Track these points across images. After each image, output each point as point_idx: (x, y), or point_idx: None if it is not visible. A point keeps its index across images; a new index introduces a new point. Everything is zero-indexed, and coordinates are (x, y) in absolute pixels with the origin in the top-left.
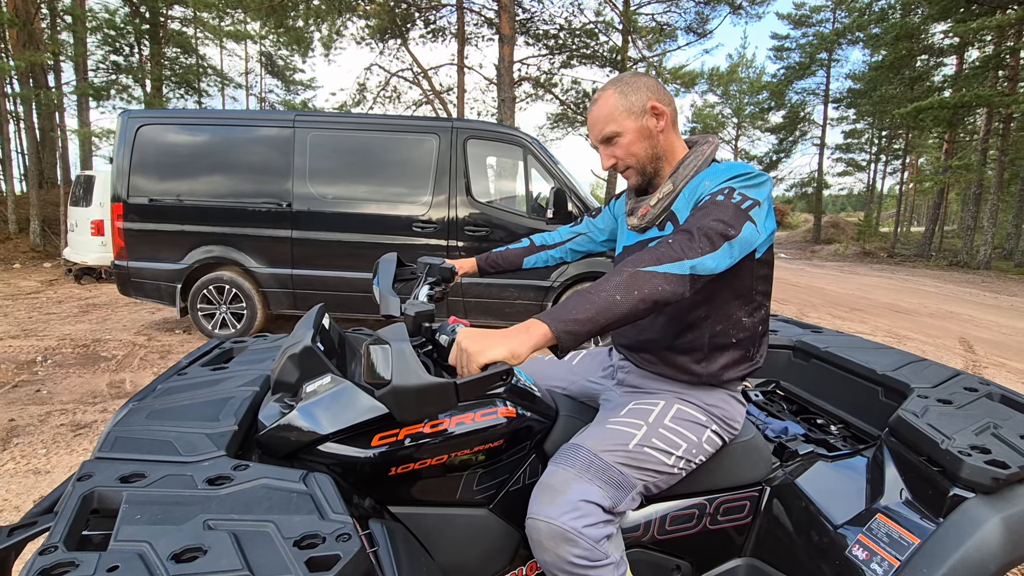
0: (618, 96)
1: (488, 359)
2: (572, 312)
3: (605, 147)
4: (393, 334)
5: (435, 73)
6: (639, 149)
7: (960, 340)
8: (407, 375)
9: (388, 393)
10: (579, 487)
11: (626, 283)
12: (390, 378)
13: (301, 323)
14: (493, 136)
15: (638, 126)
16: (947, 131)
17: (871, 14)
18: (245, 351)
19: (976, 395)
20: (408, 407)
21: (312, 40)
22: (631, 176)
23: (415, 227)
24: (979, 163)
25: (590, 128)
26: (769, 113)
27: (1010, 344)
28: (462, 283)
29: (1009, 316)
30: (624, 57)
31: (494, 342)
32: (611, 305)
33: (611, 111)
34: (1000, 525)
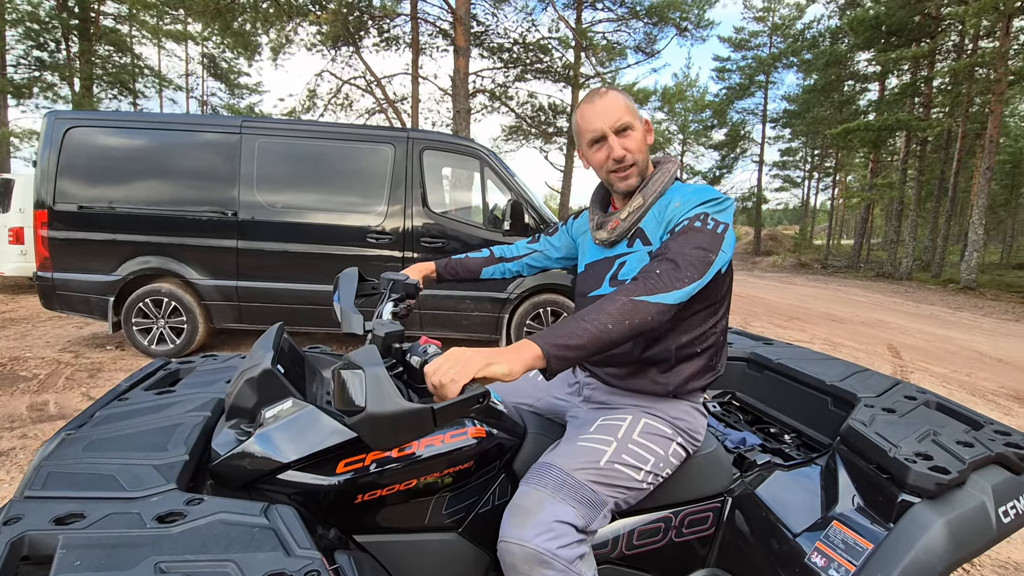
0: (624, 98)
1: (489, 373)
2: (565, 337)
3: (618, 137)
4: (366, 358)
5: (389, 82)
6: (643, 149)
7: (889, 347)
8: (382, 401)
9: (362, 420)
10: (552, 507)
11: (620, 312)
12: (364, 405)
13: (259, 344)
14: (450, 147)
15: (642, 128)
16: (872, 151)
17: (804, 41)
18: (193, 373)
19: (915, 403)
20: (383, 434)
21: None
22: (631, 176)
23: (369, 238)
24: (900, 182)
25: (600, 116)
26: (712, 131)
27: (932, 350)
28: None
29: (930, 324)
30: (577, 73)
31: (492, 358)
32: (603, 333)
33: (626, 105)
34: (944, 528)
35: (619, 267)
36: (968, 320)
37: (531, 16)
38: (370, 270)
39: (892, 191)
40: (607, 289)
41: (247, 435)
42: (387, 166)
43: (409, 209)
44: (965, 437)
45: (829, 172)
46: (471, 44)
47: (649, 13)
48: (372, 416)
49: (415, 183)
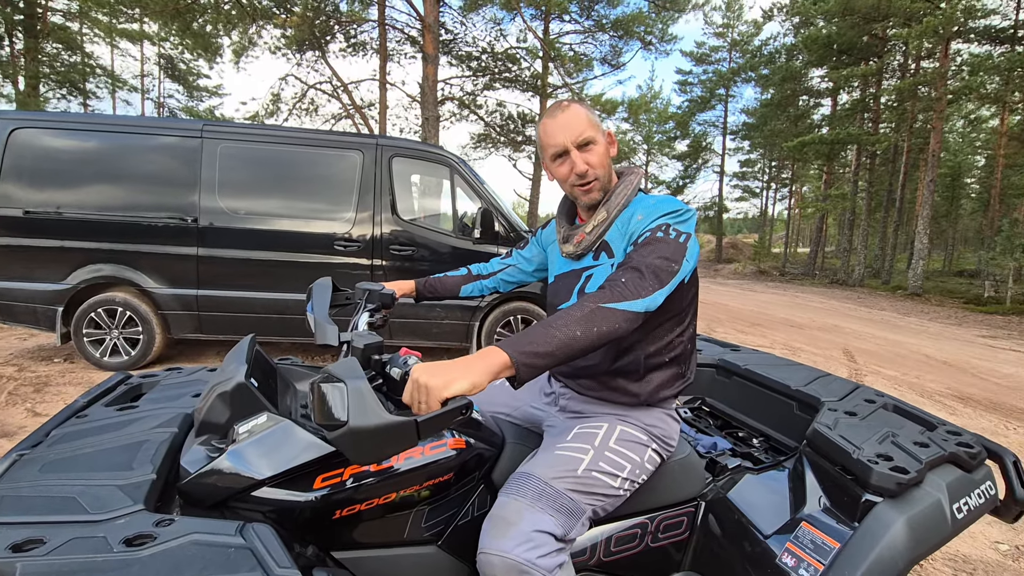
0: (587, 111)
1: (450, 393)
2: (534, 344)
3: (580, 152)
4: (346, 370)
5: (356, 87)
6: (607, 163)
7: (844, 351)
8: (365, 415)
9: (344, 435)
10: (531, 517)
11: (587, 319)
12: (346, 419)
13: (231, 356)
14: (419, 155)
15: (605, 142)
16: (826, 164)
17: (761, 57)
18: (157, 387)
19: (875, 407)
20: (366, 449)
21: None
22: (594, 190)
23: (337, 245)
24: (852, 193)
25: (563, 130)
26: (675, 142)
27: (883, 354)
28: None
29: (881, 328)
30: (545, 83)
31: (453, 375)
32: (571, 340)
33: (588, 119)
34: (905, 525)
35: (586, 280)
36: (916, 325)
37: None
38: (338, 278)
39: (844, 202)
40: (574, 301)
41: (219, 451)
42: (355, 173)
43: (378, 216)
44: (921, 438)
45: (786, 183)
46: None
47: (615, 26)
48: (355, 430)
49: (384, 190)
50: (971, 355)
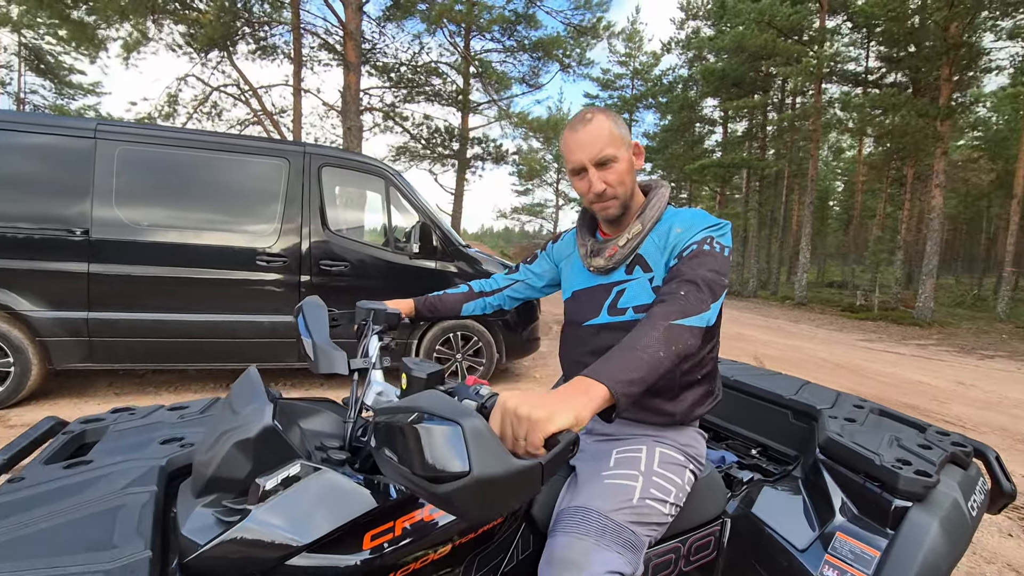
0: (612, 123)
1: (556, 427)
2: (627, 371)
3: (598, 170)
4: (452, 407)
5: (267, 92)
6: (628, 179)
7: (754, 357)
8: (490, 461)
9: (466, 487)
10: (600, 556)
11: (665, 338)
12: (468, 468)
13: (242, 393)
14: (352, 165)
15: (628, 157)
16: (720, 185)
17: (661, 86)
18: (108, 435)
19: (864, 412)
20: (490, 502)
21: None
22: (612, 207)
23: (259, 261)
24: (744, 212)
25: (582, 147)
26: None
27: (787, 358)
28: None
29: (779, 335)
30: (467, 98)
31: (555, 407)
32: (658, 362)
33: (610, 135)
34: (940, 529)
35: (618, 295)
36: (807, 331)
37: (420, 39)
38: (259, 296)
39: (737, 220)
40: (606, 318)
41: (237, 514)
42: (280, 182)
43: (306, 229)
44: (920, 440)
45: (683, 203)
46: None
47: (535, 47)
48: (480, 481)
49: (313, 201)
50: (856, 357)
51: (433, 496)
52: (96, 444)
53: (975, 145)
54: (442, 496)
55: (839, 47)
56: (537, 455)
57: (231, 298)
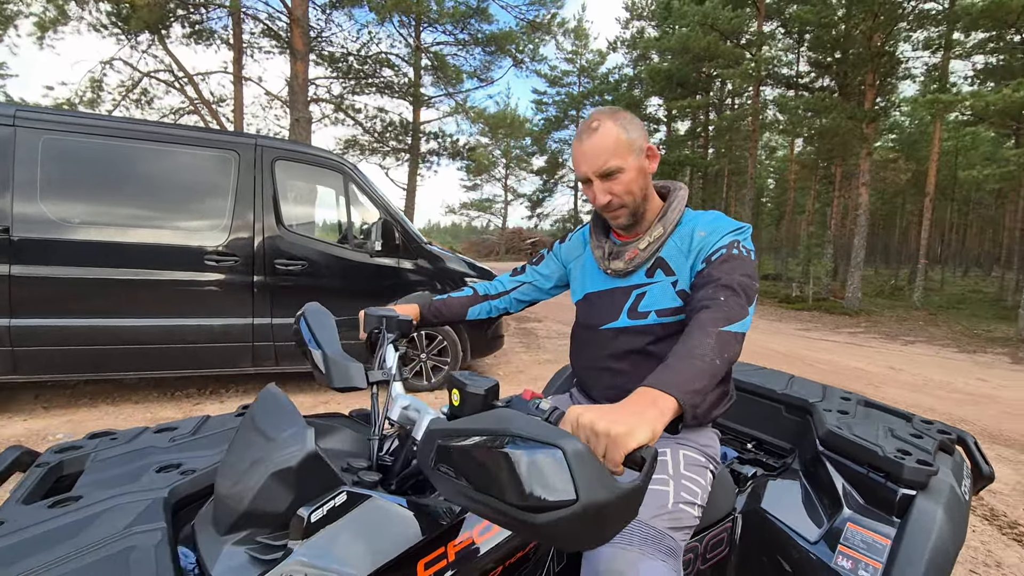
0: (620, 130)
1: (636, 443)
2: (691, 382)
3: (602, 182)
4: (546, 430)
5: (204, 80)
6: (636, 188)
7: None
8: (595, 486)
9: (573, 515)
10: (647, 566)
11: (719, 346)
12: (575, 496)
13: (269, 414)
14: (308, 159)
15: (638, 164)
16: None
17: (608, 84)
18: (92, 465)
19: (852, 403)
20: (597, 529)
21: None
22: (622, 216)
23: (208, 260)
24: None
25: (586, 159)
26: (532, 157)
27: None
28: (274, 324)
29: None
30: (418, 92)
31: (631, 421)
32: (716, 371)
33: (616, 144)
34: (944, 515)
35: (638, 299)
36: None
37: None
38: (208, 298)
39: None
40: (626, 321)
41: (277, 551)
42: (230, 176)
43: (259, 227)
44: (910, 429)
45: None
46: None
47: (488, 42)
48: (588, 507)
49: (266, 197)
50: (799, 346)
51: (530, 527)
52: (79, 477)
53: (890, 147)
54: (543, 526)
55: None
56: (617, 473)
57: (177, 300)
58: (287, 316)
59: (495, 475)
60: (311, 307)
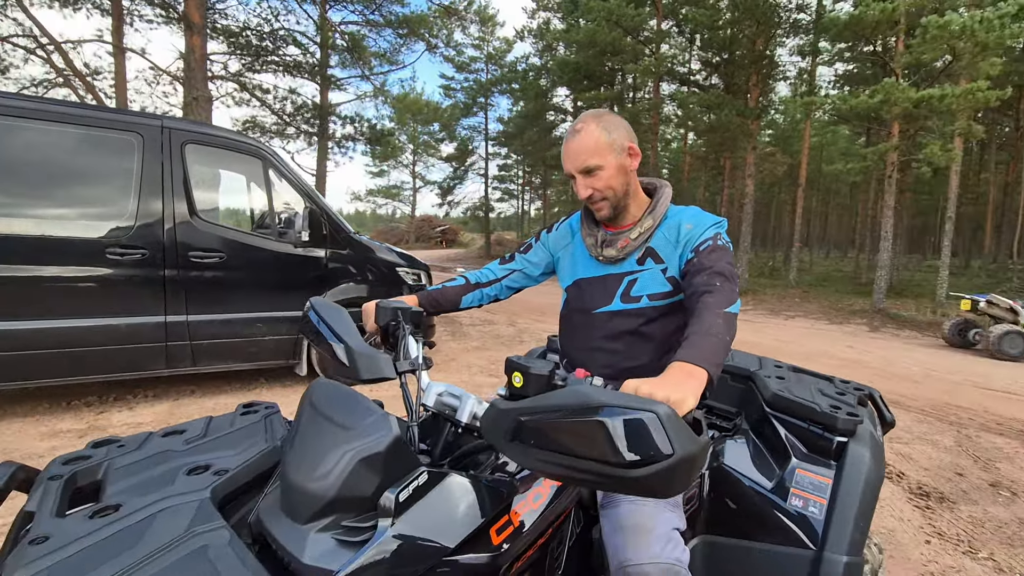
0: (602, 131)
1: (688, 409)
2: (714, 356)
3: (584, 177)
4: (634, 399)
5: (76, 49)
6: (616, 184)
7: None
8: (688, 441)
9: (669, 467)
10: (663, 518)
11: (726, 325)
12: (672, 451)
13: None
14: (223, 143)
15: (618, 162)
16: None
17: (515, 72)
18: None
19: (784, 370)
20: (685, 478)
21: None
22: (603, 208)
23: (110, 254)
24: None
25: (570, 157)
26: (441, 144)
27: None
28: (190, 321)
29: None
30: (325, 73)
31: (680, 392)
32: (727, 346)
33: (596, 144)
34: (870, 455)
35: (629, 284)
36: None
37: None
38: (113, 295)
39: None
40: (619, 305)
41: (365, 532)
42: (133, 161)
43: (170, 217)
44: (834, 389)
45: (538, 187)
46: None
47: (401, 24)
48: (683, 460)
49: (176, 184)
50: None
51: (629, 481)
52: (99, 485)
53: (767, 142)
54: (642, 479)
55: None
56: None
57: (74, 299)
58: (205, 312)
59: (590, 441)
60: (319, 303)
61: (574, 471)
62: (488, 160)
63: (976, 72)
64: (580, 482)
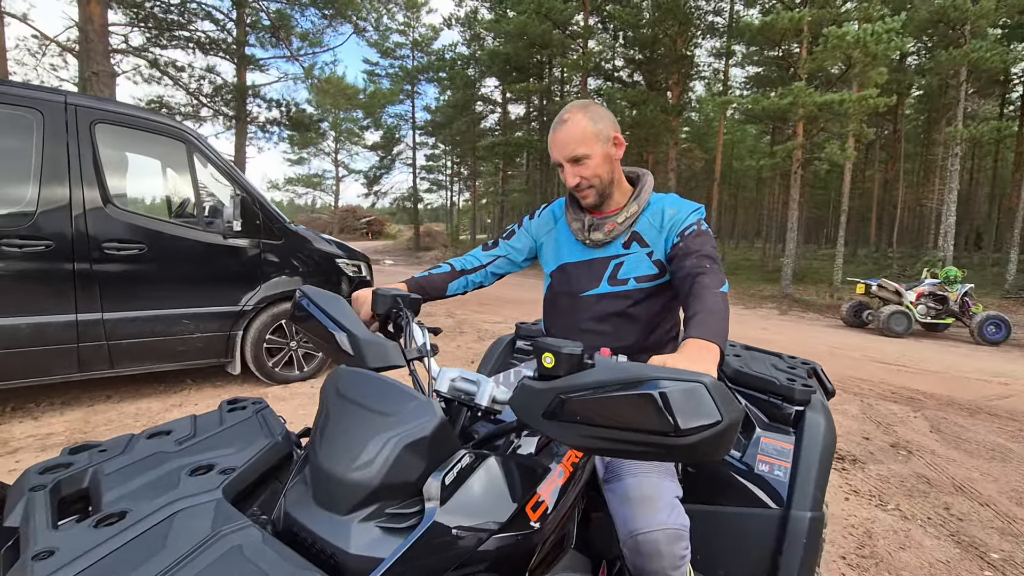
0: (588, 121)
1: None
2: (722, 333)
3: (572, 166)
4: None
5: None
6: (603, 172)
7: None
8: (731, 409)
9: (719, 432)
10: (665, 486)
11: (724, 304)
12: (720, 417)
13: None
14: (139, 124)
15: (603, 152)
16: (505, 163)
17: (443, 60)
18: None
19: (738, 348)
20: (730, 441)
21: None
22: (590, 195)
23: (7, 246)
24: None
25: (558, 146)
26: (366, 132)
27: None
28: (105, 320)
29: None
30: (244, 52)
31: (706, 365)
32: (728, 323)
33: (583, 134)
34: (825, 421)
35: (616, 267)
36: None
37: None
38: (12, 293)
39: (523, 196)
40: (607, 288)
41: (411, 518)
42: (32, 141)
43: (78, 204)
44: (786, 364)
45: (466, 178)
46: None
47: (325, 3)
48: (731, 425)
49: (86, 169)
50: None
51: (680, 448)
52: (94, 494)
53: (685, 138)
54: (693, 445)
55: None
56: None
57: None
58: (124, 310)
59: (641, 413)
60: (311, 289)
61: (621, 443)
62: (416, 150)
63: (867, 80)
64: (625, 453)
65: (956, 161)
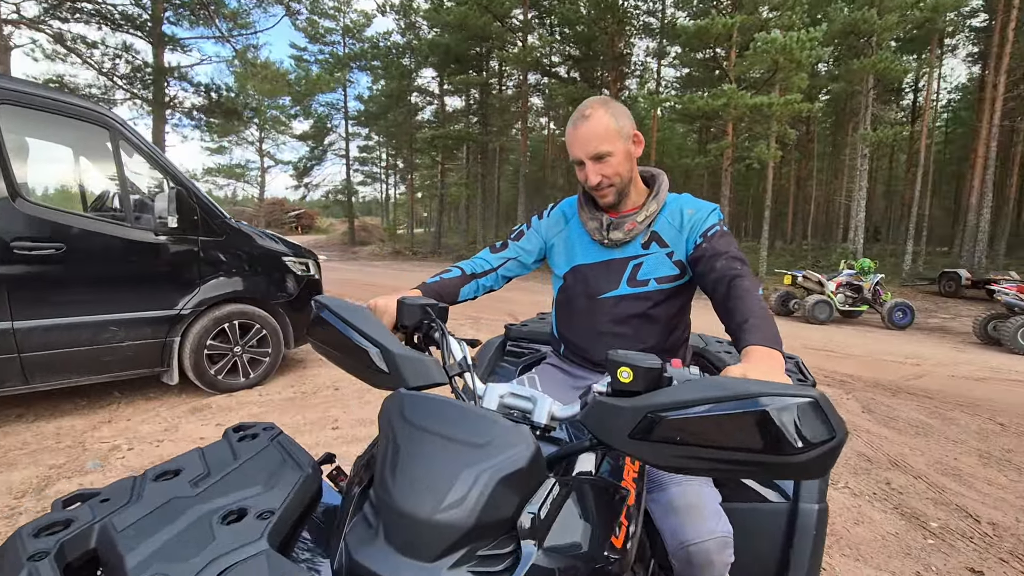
0: (611, 118)
1: None
2: (776, 336)
3: (594, 164)
4: (791, 386)
5: None
6: (623, 170)
7: (509, 313)
8: (841, 422)
9: (831, 450)
10: (708, 493)
11: (766, 306)
12: (834, 432)
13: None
14: (51, 106)
15: (625, 149)
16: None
17: (378, 49)
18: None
19: (724, 345)
20: (836, 458)
21: None
22: (609, 194)
23: None
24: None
25: (580, 143)
26: (294, 120)
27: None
28: (16, 330)
29: (521, 293)
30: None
31: (779, 374)
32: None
33: (606, 131)
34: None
35: (635, 268)
36: (531, 287)
37: None
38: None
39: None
40: (626, 289)
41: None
42: None
43: None
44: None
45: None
46: None
47: None
48: (843, 439)
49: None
50: None
51: (792, 466)
52: (108, 556)
53: None
54: (806, 462)
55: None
56: None
57: None
58: (38, 317)
59: (750, 431)
60: (332, 300)
61: (724, 463)
62: (348, 140)
63: (790, 84)
64: (727, 473)
65: (865, 161)
